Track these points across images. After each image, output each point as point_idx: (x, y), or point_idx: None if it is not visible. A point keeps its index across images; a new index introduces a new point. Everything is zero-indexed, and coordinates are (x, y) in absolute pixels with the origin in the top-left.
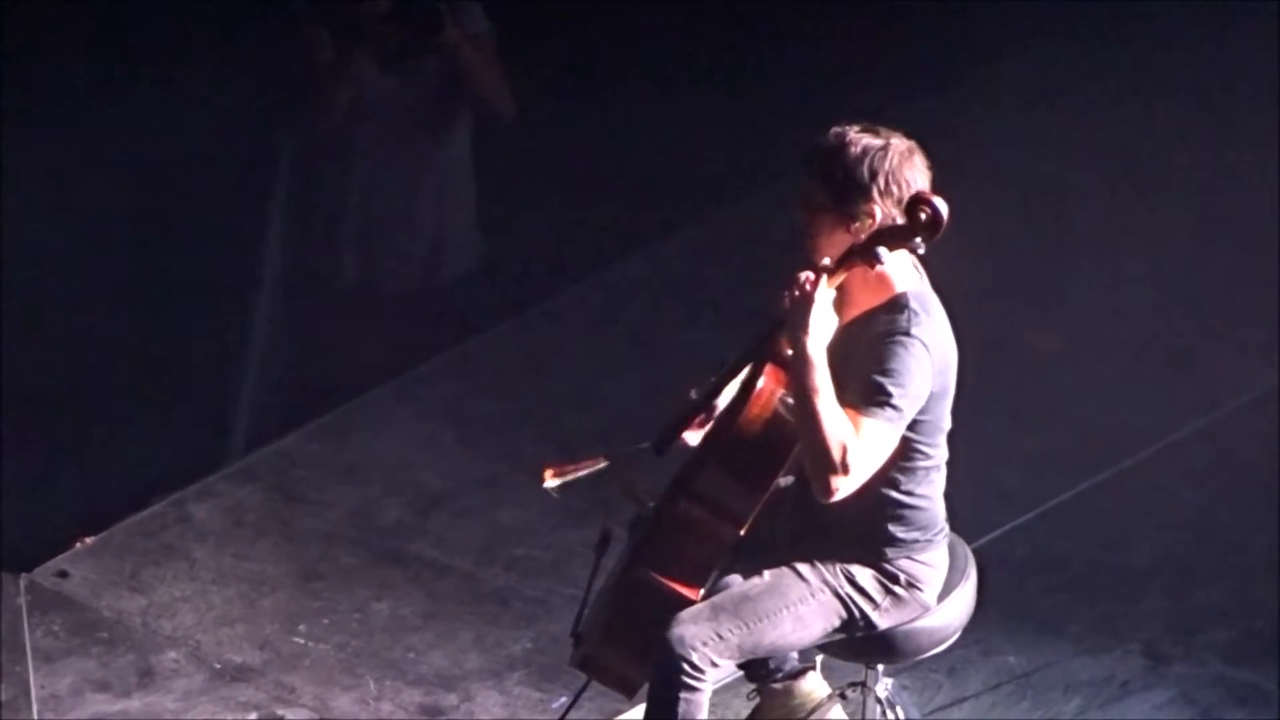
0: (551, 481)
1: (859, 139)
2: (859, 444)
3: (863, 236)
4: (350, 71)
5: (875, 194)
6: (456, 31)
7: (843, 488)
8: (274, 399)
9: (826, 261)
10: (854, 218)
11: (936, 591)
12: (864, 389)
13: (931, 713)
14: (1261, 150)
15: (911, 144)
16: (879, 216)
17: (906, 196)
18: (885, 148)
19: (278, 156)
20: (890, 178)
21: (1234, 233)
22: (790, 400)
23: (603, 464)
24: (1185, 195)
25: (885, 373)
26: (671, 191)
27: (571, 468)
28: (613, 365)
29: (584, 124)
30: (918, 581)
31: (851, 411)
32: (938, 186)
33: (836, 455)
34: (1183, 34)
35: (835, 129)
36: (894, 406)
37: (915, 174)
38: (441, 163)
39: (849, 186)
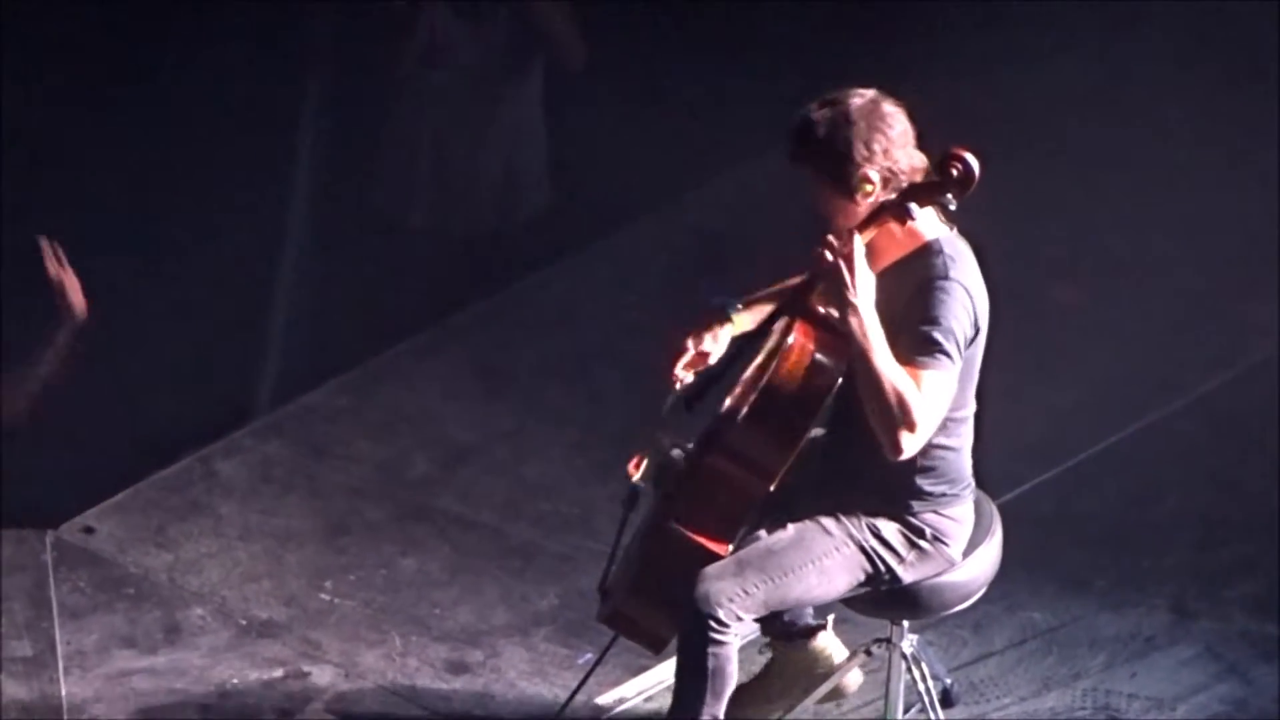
0: (636, 474)
1: (822, 116)
2: (921, 398)
3: (879, 199)
4: (423, 17)
5: (860, 162)
6: None
7: (911, 444)
8: (300, 353)
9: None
10: (853, 190)
11: (962, 547)
12: (914, 341)
13: (956, 669)
14: None
15: (872, 95)
16: (876, 179)
17: (892, 150)
18: (847, 115)
19: (306, 99)
20: (865, 141)
21: (1259, 182)
22: (821, 356)
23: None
24: (1210, 144)
25: (932, 321)
26: (700, 146)
27: (641, 454)
28: (640, 319)
29: (611, 79)
30: (943, 536)
31: (907, 366)
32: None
33: (901, 412)
34: None
35: (799, 114)
36: (947, 354)
37: (888, 126)
38: (512, 109)
39: (834, 165)
